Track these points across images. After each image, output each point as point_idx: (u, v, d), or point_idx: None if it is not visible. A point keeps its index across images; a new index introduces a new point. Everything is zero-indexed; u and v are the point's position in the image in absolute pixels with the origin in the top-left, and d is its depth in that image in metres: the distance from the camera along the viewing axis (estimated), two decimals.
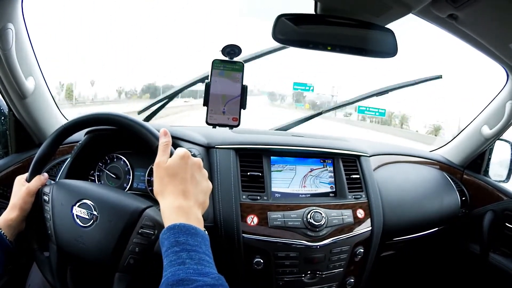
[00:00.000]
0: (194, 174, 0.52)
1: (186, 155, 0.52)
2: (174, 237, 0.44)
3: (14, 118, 0.86)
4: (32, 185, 0.60)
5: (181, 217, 0.47)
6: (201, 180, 0.53)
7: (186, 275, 0.40)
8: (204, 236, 0.47)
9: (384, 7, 0.63)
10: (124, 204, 0.57)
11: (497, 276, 1.07)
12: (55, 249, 0.57)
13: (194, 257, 0.42)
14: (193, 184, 0.51)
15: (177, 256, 0.42)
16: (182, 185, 0.50)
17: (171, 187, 0.50)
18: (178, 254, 0.42)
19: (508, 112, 1.04)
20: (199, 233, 0.46)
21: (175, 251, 0.43)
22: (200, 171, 0.54)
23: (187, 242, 0.44)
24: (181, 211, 0.48)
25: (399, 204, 1.00)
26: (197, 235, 0.45)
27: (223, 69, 0.71)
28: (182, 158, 0.52)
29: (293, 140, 0.95)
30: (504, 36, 0.73)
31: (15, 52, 0.72)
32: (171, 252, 0.43)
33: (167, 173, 0.51)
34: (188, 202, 0.49)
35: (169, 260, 0.42)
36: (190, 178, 0.51)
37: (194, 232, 0.45)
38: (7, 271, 0.56)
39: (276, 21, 0.67)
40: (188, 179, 0.51)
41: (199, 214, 0.50)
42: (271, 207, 0.82)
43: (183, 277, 0.39)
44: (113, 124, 0.63)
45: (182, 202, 0.49)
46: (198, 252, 0.43)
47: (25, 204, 0.59)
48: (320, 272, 0.84)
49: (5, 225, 0.57)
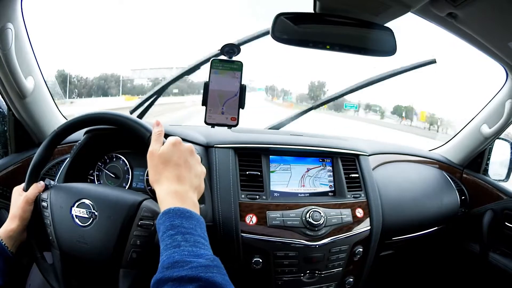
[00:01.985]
0: (187, 159, 0.53)
1: (177, 142, 0.53)
2: (169, 221, 0.44)
3: (14, 118, 0.86)
4: (29, 194, 0.60)
5: (177, 201, 0.48)
6: (195, 164, 0.54)
7: (181, 257, 0.40)
8: (200, 219, 0.47)
9: (383, 5, 0.63)
10: (121, 198, 0.58)
11: (496, 276, 1.07)
12: (58, 254, 0.57)
13: (189, 240, 0.43)
14: (187, 169, 0.52)
15: (172, 239, 0.42)
16: (176, 170, 0.51)
17: (166, 173, 0.51)
18: (173, 237, 0.43)
19: (507, 111, 1.04)
20: (194, 216, 0.46)
21: (170, 235, 0.43)
22: (192, 156, 0.54)
23: (182, 225, 0.44)
24: (176, 196, 0.49)
25: (398, 203, 1.00)
26: (192, 218, 0.46)
27: (222, 69, 0.70)
28: (174, 145, 0.52)
29: (292, 139, 0.94)
30: (503, 35, 0.72)
31: (14, 52, 0.72)
32: (166, 236, 0.43)
33: (161, 161, 0.51)
34: (183, 187, 0.50)
35: (164, 244, 0.43)
36: (183, 163, 0.52)
37: (189, 215, 0.46)
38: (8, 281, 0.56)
39: (275, 20, 0.67)
40: (182, 164, 0.52)
41: (194, 198, 0.51)
42: (270, 207, 0.82)
43: (178, 259, 0.40)
44: (106, 122, 0.63)
45: (177, 187, 0.50)
46: (193, 234, 0.44)
47: (25, 213, 0.59)
48: (319, 272, 0.84)
49: (6, 236, 0.57)
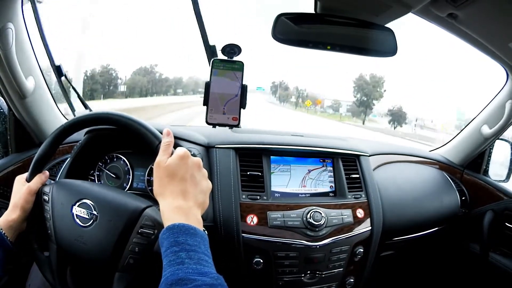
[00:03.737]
0: (194, 174, 0.52)
1: (185, 155, 0.52)
2: (173, 237, 0.44)
3: (14, 118, 0.86)
4: (33, 184, 0.60)
5: (180, 217, 0.47)
6: (201, 180, 0.53)
7: (185, 274, 0.40)
8: (204, 236, 0.47)
9: (383, 6, 0.64)
10: (124, 203, 0.57)
11: (497, 276, 1.06)
12: (55, 248, 0.57)
13: (193, 257, 0.42)
14: (192, 184, 0.51)
15: (176, 256, 0.42)
16: (181, 185, 0.50)
17: (171, 187, 0.50)
18: (177, 254, 0.42)
19: (507, 111, 1.04)
20: (198, 233, 0.46)
21: (174, 251, 0.43)
22: (199, 170, 0.53)
23: (186, 242, 0.43)
24: (180, 212, 0.48)
25: (399, 203, 1.00)
26: (196, 235, 0.45)
27: (223, 69, 0.70)
28: (182, 158, 0.51)
29: (293, 139, 0.94)
30: (504, 36, 0.72)
31: (15, 52, 0.72)
32: (170, 252, 0.43)
33: (167, 173, 0.51)
34: (187, 203, 0.49)
35: (168, 260, 0.42)
36: (189, 178, 0.51)
37: (193, 232, 0.45)
38: (7, 271, 0.56)
39: (276, 21, 0.67)
40: (188, 179, 0.51)
41: (198, 214, 0.50)
42: (271, 207, 0.82)
43: (182, 277, 0.39)
44: (113, 123, 0.62)
45: (182, 203, 0.49)
46: (197, 252, 0.43)
47: (27, 203, 0.59)
48: (319, 272, 0.84)
49: (6, 226, 0.57)
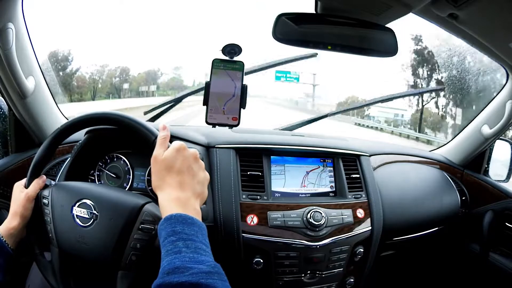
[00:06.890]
0: (191, 166, 0.52)
1: (181, 147, 0.52)
2: (170, 227, 0.44)
3: (14, 118, 0.85)
4: (31, 191, 0.60)
5: (178, 208, 0.47)
6: (198, 171, 0.53)
7: (182, 263, 0.40)
8: (201, 226, 0.47)
9: (384, 6, 0.63)
10: (123, 201, 0.57)
11: (497, 276, 1.07)
12: (57, 252, 0.57)
13: (190, 246, 0.43)
14: (189, 175, 0.51)
15: (173, 245, 0.42)
16: (179, 177, 0.50)
17: (168, 180, 0.50)
18: (174, 243, 0.43)
19: (508, 111, 1.03)
20: (196, 223, 0.46)
21: (171, 241, 0.43)
22: (196, 162, 0.54)
23: (184, 231, 0.44)
24: (178, 203, 0.48)
25: (399, 203, 1.00)
26: (193, 224, 0.46)
27: (223, 69, 0.70)
28: (178, 151, 0.52)
29: (293, 139, 0.94)
30: (504, 36, 0.72)
31: (15, 52, 0.72)
32: (167, 242, 0.43)
33: (164, 166, 0.51)
34: (185, 194, 0.50)
35: (166, 250, 0.43)
36: (186, 169, 0.51)
37: (190, 221, 0.46)
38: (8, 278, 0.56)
39: (276, 21, 0.67)
40: (185, 171, 0.51)
41: (196, 205, 0.51)
42: (271, 207, 0.82)
43: (179, 265, 0.40)
44: (110, 123, 0.63)
45: (179, 194, 0.49)
46: (194, 241, 0.44)
47: (26, 211, 0.59)
48: (320, 272, 0.84)
49: (7, 233, 0.57)
